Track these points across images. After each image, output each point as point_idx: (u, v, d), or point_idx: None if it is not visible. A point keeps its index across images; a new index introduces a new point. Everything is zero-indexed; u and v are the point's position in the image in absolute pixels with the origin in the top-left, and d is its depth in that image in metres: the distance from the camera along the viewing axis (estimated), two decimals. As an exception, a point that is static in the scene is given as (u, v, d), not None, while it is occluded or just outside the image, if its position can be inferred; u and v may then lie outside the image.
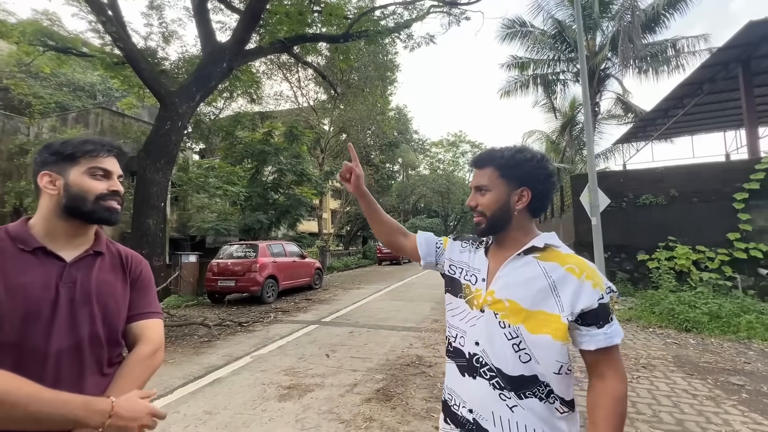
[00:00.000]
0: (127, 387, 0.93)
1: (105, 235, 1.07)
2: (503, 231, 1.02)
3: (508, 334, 0.94)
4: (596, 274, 0.93)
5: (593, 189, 7.49)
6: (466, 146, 46.32)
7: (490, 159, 1.02)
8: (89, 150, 0.96)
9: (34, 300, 0.86)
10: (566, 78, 16.86)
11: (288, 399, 3.41)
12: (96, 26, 9.69)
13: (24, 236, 0.92)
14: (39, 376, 0.83)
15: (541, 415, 0.93)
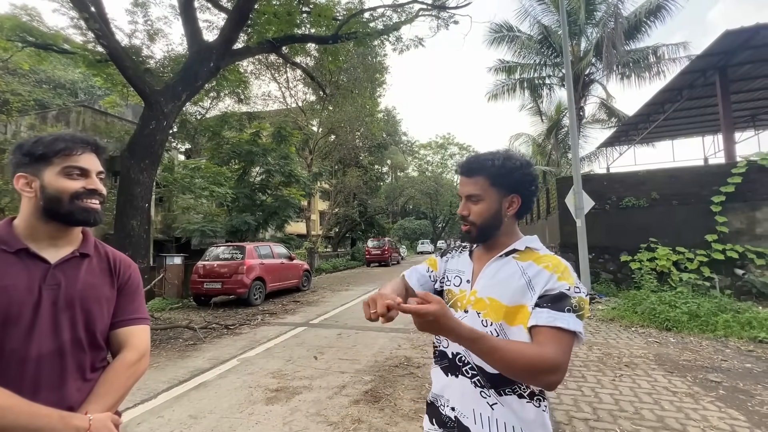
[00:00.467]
0: (110, 395, 0.92)
1: (93, 237, 1.04)
2: (492, 237, 1.05)
3: (491, 332, 0.96)
4: (568, 273, 0.95)
5: (578, 191, 7.65)
6: (454, 148, 46.73)
7: (481, 167, 1.02)
8: (62, 149, 0.91)
9: (15, 303, 0.84)
10: (552, 82, 17.19)
11: (275, 402, 3.38)
12: (78, 23, 9.46)
13: (6, 237, 0.90)
14: (18, 381, 0.81)
15: (519, 412, 0.94)
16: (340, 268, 20.28)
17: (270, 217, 13.80)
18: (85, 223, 0.95)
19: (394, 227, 37.42)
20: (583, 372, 3.90)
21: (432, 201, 40.39)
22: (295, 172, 14.58)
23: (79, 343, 0.91)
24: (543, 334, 0.88)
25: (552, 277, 0.94)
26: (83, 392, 0.91)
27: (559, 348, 0.86)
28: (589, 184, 8.41)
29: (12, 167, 0.93)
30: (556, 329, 0.87)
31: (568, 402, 3.21)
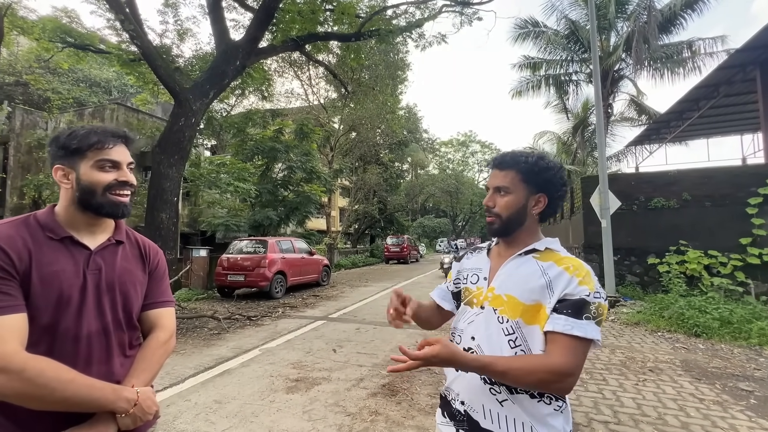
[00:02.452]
0: (148, 370, 1.00)
1: (124, 224, 1.10)
2: (514, 233, 1.06)
3: (506, 329, 0.98)
4: (589, 277, 0.95)
5: (604, 191, 7.44)
6: (476, 146, 46.11)
7: (514, 162, 1.04)
8: (95, 142, 0.95)
9: (67, 286, 0.91)
10: (579, 79, 16.70)
11: (295, 391, 3.48)
12: (113, 24, 9.88)
13: (52, 225, 0.95)
14: (73, 356, 0.89)
15: (531, 410, 0.95)
16: (359, 265, 20.44)
17: (291, 212, 14.05)
18: (114, 216, 1.01)
19: (413, 225, 37.35)
20: (604, 375, 3.83)
21: (452, 199, 40.04)
22: (316, 169, 14.78)
23: (119, 323, 0.99)
24: (557, 342, 0.90)
25: (572, 281, 0.94)
26: (125, 367, 0.99)
27: (572, 355, 0.88)
28: (616, 184, 8.16)
29: (50, 159, 0.99)
30: (572, 337, 0.89)
31: (588, 404, 3.16)
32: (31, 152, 14.34)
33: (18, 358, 0.79)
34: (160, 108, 16.93)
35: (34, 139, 14.19)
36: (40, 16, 12.31)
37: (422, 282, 12.73)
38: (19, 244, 0.88)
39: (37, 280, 0.87)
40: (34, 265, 0.88)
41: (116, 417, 0.88)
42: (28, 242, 0.89)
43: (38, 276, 0.87)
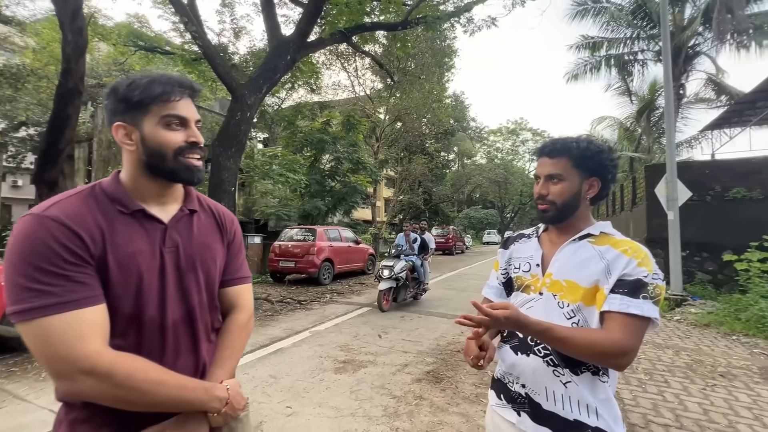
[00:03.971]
0: (232, 358, 0.92)
1: (194, 190, 0.95)
2: (568, 219, 1.06)
3: (567, 313, 0.99)
4: (648, 259, 0.95)
5: (672, 180, 6.81)
6: (527, 134, 44.07)
7: (566, 149, 1.04)
8: (159, 94, 0.79)
9: (146, 269, 0.79)
10: (646, 58, 15.25)
11: (343, 372, 3.64)
12: (177, 26, 10.65)
13: (121, 197, 0.81)
14: (161, 348, 0.81)
15: (591, 388, 0.97)
16: (403, 255, 20.56)
17: (338, 202, 14.42)
18: (189, 182, 0.87)
19: (459, 216, 36.68)
20: (666, 377, 3.57)
21: (500, 190, 38.77)
22: (362, 160, 14.99)
23: (203, 305, 0.89)
24: (614, 320, 0.90)
25: (631, 262, 0.94)
26: (210, 353, 0.90)
27: (630, 333, 0.89)
28: (687, 173, 7.44)
29: (108, 115, 0.82)
30: (629, 315, 0.89)
31: (646, 405, 2.98)
32: (110, 147, 15.94)
33: (105, 358, 0.69)
34: (217, 103, 18.03)
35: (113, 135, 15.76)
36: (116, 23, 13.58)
37: (468, 273, 12.55)
38: (90, 224, 0.74)
39: (114, 264, 0.75)
40: (109, 246, 0.75)
41: (208, 415, 0.81)
42: (100, 220, 0.76)
43: (115, 259, 0.75)
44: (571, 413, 0.96)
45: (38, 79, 11.08)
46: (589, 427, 0.94)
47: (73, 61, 7.64)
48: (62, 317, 0.68)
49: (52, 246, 0.69)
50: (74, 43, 7.57)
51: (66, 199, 0.77)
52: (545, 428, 0.98)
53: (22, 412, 2.84)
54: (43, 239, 0.69)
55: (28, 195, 22.55)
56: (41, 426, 2.62)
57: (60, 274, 0.69)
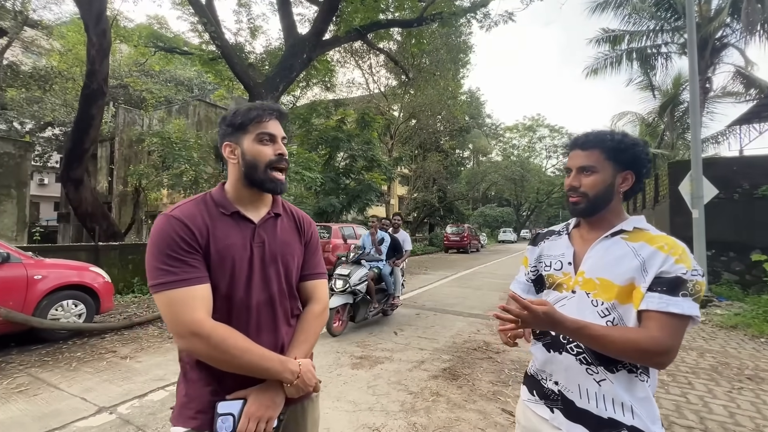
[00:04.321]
0: (307, 342, 1.07)
1: (280, 198, 1.15)
2: (600, 212, 1.04)
3: (602, 311, 0.97)
4: (686, 255, 0.93)
5: (696, 177, 6.60)
6: (544, 130, 43.34)
7: (599, 141, 1.03)
8: (255, 116, 1.02)
9: (238, 258, 0.98)
10: (669, 51, 14.75)
11: (360, 368, 3.67)
12: (196, 27, 10.86)
13: (223, 201, 1.03)
14: (246, 324, 0.98)
15: (628, 386, 0.95)
16: (417, 253, 20.52)
17: (353, 200, 14.49)
18: (273, 192, 1.07)
19: (474, 214, 36.38)
20: (690, 379, 3.48)
21: (517, 187, 38.21)
22: (376, 157, 15.02)
23: (283, 293, 1.06)
24: (654, 319, 0.89)
25: (668, 259, 0.92)
26: (289, 335, 1.06)
27: (670, 332, 0.87)
28: (713, 169, 7.19)
29: (219, 138, 1.06)
30: (668, 314, 0.88)
31: (669, 407, 2.91)
32: (132, 146, 16.39)
33: (206, 325, 0.89)
34: (234, 102, 18.30)
35: (134, 134, 16.20)
36: (137, 24, 13.92)
37: (483, 272, 12.45)
38: (199, 221, 0.97)
39: (214, 253, 0.96)
40: (211, 239, 0.96)
41: (284, 386, 0.97)
42: (206, 218, 0.98)
43: (215, 249, 0.96)
44: (605, 411, 0.95)
45: (65, 81, 11.48)
46: (624, 425, 0.93)
47: (97, 62, 7.87)
48: (179, 291, 0.90)
49: (174, 238, 0.93)
50: (98, 45, 7.79)
51: (185, 204, 1.01)
52: (579, 425, 0.98)
53: (56, 399, 2.97)
54: (168, 233, 0.93)
55: (54, 193, 23.44)
56: (73, 413, 2.73)
57: (179, 258, 0.92)
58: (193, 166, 11.07)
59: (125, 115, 17.43)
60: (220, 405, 0.93)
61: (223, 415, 0.91)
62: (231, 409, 0.92)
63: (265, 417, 0.93)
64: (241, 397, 0.94)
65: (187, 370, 0.99)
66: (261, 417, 0.93)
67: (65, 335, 4.50)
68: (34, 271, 4.26)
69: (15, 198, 11.17)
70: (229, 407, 0.92)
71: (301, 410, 1.08)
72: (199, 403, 0.95)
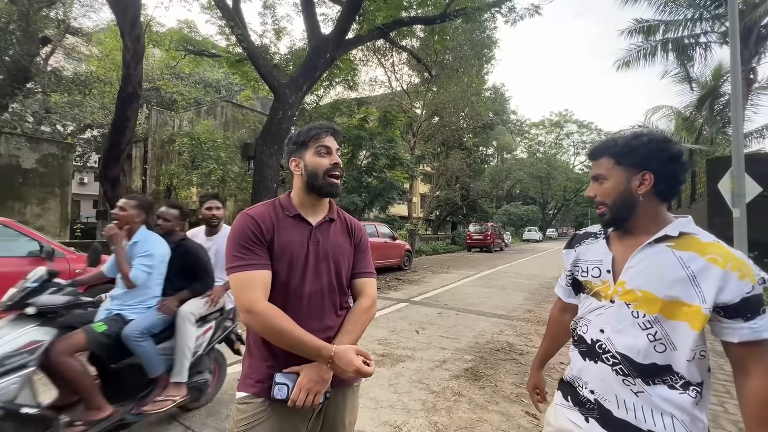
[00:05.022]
0: (353, 332, 1.18)
1: (336, 205, 1.33)
2: (629, 219, 1.00)
3: (643, 324, 0.93)
4: (745, 264, 0.87)
5: (738, 174, 6.22)
6: (572, 126, 42.06)
7: (605, 149, 1.03)
8: (314, 134, 1.21)
9: (296, 253, 1.16)
10: (709, 40, 13.96)
11: (382, 365, 3.70)
12: (223, 30, 11.16)
13: (288, 206, 1.22)
14: (299, 310, 1.13)
15: (671, 400, 0.91)
16: (440, 251, 20.39)
17: (375, 198, 14.53)
18: (331, 195, 1.23)
19: (498, 212, 35.73)
20: (728, 387, 3.30)
21: (542, 185, 37.27)
22: (399, 155, 14.99)
23: (332, 286, 1.20)
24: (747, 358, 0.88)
25: (730, 277, 0.85)
26: (337, 324, 1.20)
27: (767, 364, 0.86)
28: (756, 166, 6.77)
29: (287, 155, 1.26)
30: (761, 341, 0.85)
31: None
32: (164, 146, 17.06)
33: (259, 304, 1.06)
34: (259, 102, 18.75)
35: (165, 134, 16.85)
36: (168, 29, 14.45)
37: (507, 272, 12.23)
38: (267, 220, 1.16)
39: (277, 246, 1.14)
40: (276, 235, 1.15)
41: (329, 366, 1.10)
42: (273, 218, 1.18)
43: (278, 244, 1.14)
44: (645, 423, 0.92)
45: (102, 85, 12.07)
46: None
47: (132, 66, 8.23)
48: (244, 274, 1.08)
49: (247, 232, 1.12)
50: (133, 50, 8.14)
51: (259, 206, 1.21)
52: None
53: (94, 387, 3.15)
54: (243, 227, 1.13)
55: (93, 191, 24.75)
56: (110, 400, 2.89)
57: (248, 248, 1.11)
58: (220, 165, 11.43)
59: (157, 117, 18.17)
60: (277, 375, 1.09)
61: (280, 384, 1.08)
62: (286, 380, 1.08)
63: (314, 390, 1.08)
64: (295, 372, 1.10)
65: (251, 347, 1.19)
66: (310, 389, 1.07)
67: (103, 326, 4.74)
68: (76, 265, 4.52)
69: (58, 196, 11.88)
70: (285, 378, 1.09)
71: (342, 396, 1.23)
72: (259, 374, 1.13)
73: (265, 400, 1.11)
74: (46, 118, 14.87)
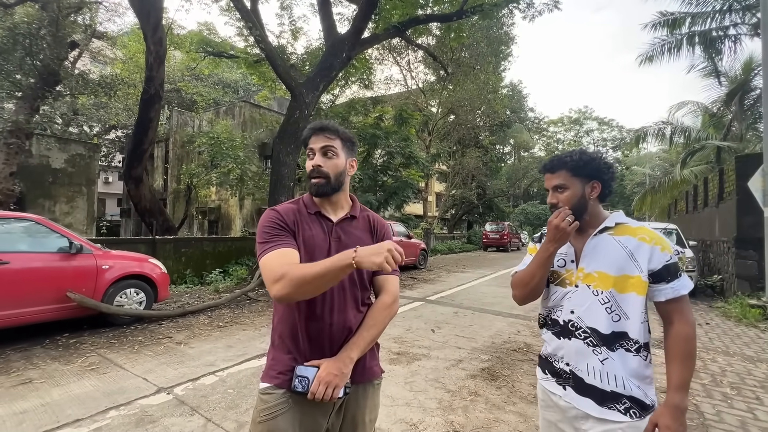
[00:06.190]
0: (375, 327, 1.22)
1: (359, 203, 1.38)
2: (582, 218, 1.22)
3: (602, 299, 1.17)
4: (664, 240, 1.16)
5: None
6: (592, 123, 41.12)
7: (562, 163, 1.24)
8: (306, 136, 1.28)
9: (317, 247, 1.21)
10: (739, 33, 13.38)
11: (398, 363, 3.71)
12: (241, 31, 11.35)
13: (309, 203, 1.28)
14: (323, 302, 1.17)
15: (627, 363, 1.14)
16: (455, 251, 20.25)
17: (390, 197, 14.53)
18: (317, 195, 1.27)
19: (515, 211, 35.20)
20: (758, 393, 3.18)
21: (560, 183, 36.37)
22: (414, 154, 14.94)
23: (353, 282, 1.24)
24: (676, 306, 1.15)
25: (654, 250, 1.14)
26: (357, 319, 1.23)
27: (689, 310, 1.16)
28: (790, 163, 6.44)
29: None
30: (682, 296, 1.14)
31: (733, 422, 2.68)
32: (184, 146, 17.49)
33: (284, 268, 1.06)
34: (276, 102, 18.98)
35: (186, 134, 17.26)
36: (188, 31, 14.78)
37: (524, 271, 12.05)
38: (290, 215, 1.23)
39: (300, 240, 1.20)
40: (299, 229, 1.22)
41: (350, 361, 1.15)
42: (296, 214, 1.25)
43: (301, 237, 1.21)
44: (608, 385, 1.14)
45: (126, 87, 12.45)
46: (624, 396, 1.12)
47: (154, 69, 8.46)
48: (271, 252, 1.13)
49: (272, 221, 1.20)
50: (155, 52, 8.38)
51: (285, 203, 1.29)
52: (587, 399, 1.17)
53: (122, 377, 3.28)
54: (269, 219, 1.21)
55: (117, 190, 25.58)
56: (137, 391, 3.00)
57: (273, 233, 1.18)
58: (239, 164, 11.63)
59: (178, 117, 18.64)
60: (298, 368, 1.13)
61: (300, 377, 1.12)
62: (307, 373, 1.12)
63: (333, 383, 1.10)
64: (315, 365, 1.13)
65: (275, 339, 1.24)
66: (330, 383, 1.10)
67: (128, 320, 4.93)
68: (103, 261, 4.70)
69: (85, 195, 12.34)
70: (305, 371, 1.12)
71: (363, 393, 1.25)
72: (281, 365, 1.18)
73: (287, 392, 1.14)
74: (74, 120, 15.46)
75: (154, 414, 2.66)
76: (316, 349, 1.16)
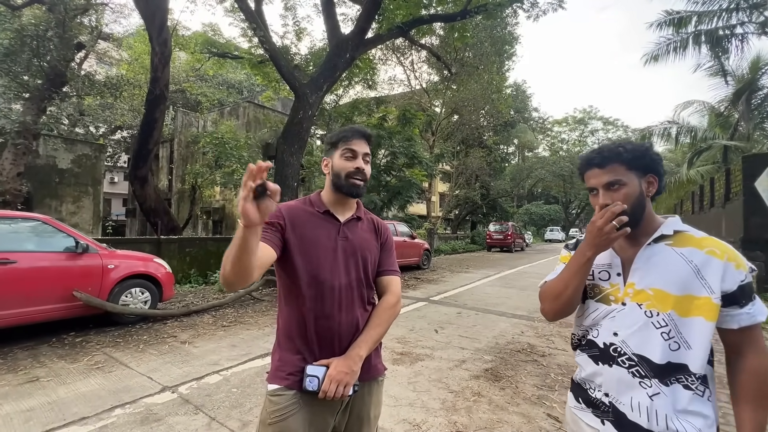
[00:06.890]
0: (380, 326, 1.24)
1: (363, 206, 1.39)
2: (639, 222, 1.01)
3: (657, 322, 0.95)
4: (738, 255, 0.95)
5: (777, 172, 5.91)
6: (597, 123, 40.80)
7: (615, 155, 1.02)
8: (343, 137, 1.26)
9: (325, 246, 1.22)
10: (746, 31, 13.25)
11: (401, 363, 3.71)
12: (246, 32, 11.40)
13: (317, 203, 1.29)
14: (331, 301, 1.19)
15: (683, 401, 0.93)
16: (459, 251, 20.21)
17: (394, 197, 14.52)
18: (353, 196, 1.27)
19: (519, 212, 35.10)
20: (766, 396, 3.14)
21: (566, 184, 36.28)
22: (417, 154, 14.92)
23: (360, 281, 1.25)
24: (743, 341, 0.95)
25: (727, 267, 0.93)
26: (363, 317, 1.25)
27: (760, 343, 0.95)
28: (798, 163, 6.39)
29: (323, 154, 1.33)
30: (755, 324, 0.94)
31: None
32: (189, 146, 17.59)
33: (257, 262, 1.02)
34: (280, 103, 19.03)
35: (190, 135, 17.34)
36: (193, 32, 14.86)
37: (528, 272, 12.01)
38: (293, 212, 1.24)
39: (296, 236, 1.20)
40: (297, 227, 1.21)
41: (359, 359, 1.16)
42: (302, 212, 1.26)
43: (306, 237, 1.21)
44: (656, 426, 0.93)
45: (132, 88, 12.54)
46: None
47: (159, 70, 8.52)
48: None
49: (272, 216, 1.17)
50: (160, 53, 8.43)
51: (293, 202, 1.29)
52: None
53: (127, 376, 3.30)
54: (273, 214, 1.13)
55: (123, 190, 25.77)
56: (142, 390, 3.02)
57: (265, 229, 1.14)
58: (243, 164, 11.68)
59: (183, 118, 18.74)
60: (308, 368, 1.14)
61: (311, 376, 1.12)
62: (317, 373, 1.12)
63: (343, 381, 1.12)
64: (325, 364, 1.14)
65: (281, 340, 1.24)
66: (341, 381, 1.11)
67: (134, 320, 4.97)
68: (108, 260, 4.74)
69: (91, 195, 12.44)
70: (315, 371, 1.13)
71: (368, 390, 1.26)
72: (290, 366, 1.17)
73: (297, 393, 1.14)
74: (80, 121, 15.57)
75: (159, 412, 2.69)
76: (325, 347, 1.17)
